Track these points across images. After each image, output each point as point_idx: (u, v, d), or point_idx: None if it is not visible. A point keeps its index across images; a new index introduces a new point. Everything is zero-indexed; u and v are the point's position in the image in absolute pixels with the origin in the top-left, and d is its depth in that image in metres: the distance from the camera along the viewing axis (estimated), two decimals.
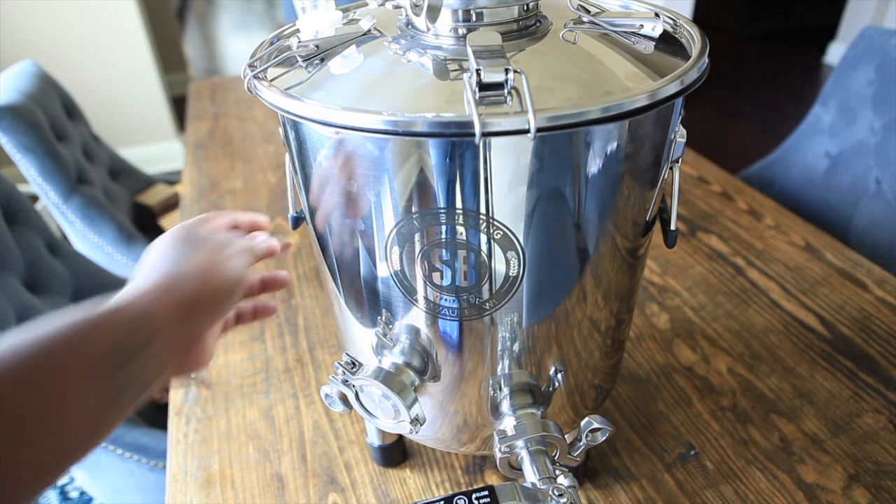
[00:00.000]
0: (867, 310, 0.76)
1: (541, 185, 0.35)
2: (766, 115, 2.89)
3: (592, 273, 0.41)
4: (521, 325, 0.41)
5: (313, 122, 0.34)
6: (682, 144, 0.41)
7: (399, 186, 0.35)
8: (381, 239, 0.38)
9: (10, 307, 0.80)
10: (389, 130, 0.31)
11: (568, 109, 0.30)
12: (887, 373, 0.67)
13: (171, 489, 0.59)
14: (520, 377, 0.45)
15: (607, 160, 0.35)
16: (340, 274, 0.44)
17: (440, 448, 0.59)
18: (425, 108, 0.32)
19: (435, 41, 0.39)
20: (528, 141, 0.32)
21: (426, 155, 0.33)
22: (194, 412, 0.68)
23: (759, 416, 0.63)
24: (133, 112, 2.52)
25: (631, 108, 0.32)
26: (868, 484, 0.56)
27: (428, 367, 0.45)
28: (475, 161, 0.33)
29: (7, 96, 1.10)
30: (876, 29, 1.08)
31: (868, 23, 1.58)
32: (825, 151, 1.15)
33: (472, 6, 0.38)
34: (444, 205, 0.35)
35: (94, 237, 1.19)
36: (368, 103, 0.34)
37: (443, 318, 0.41)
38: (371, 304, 0.43)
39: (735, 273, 0.84)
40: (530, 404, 0.46)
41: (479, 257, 0.37)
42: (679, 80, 0.34)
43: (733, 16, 3.89)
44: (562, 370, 0.46)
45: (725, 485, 0.57)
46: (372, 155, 0.34)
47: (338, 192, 0.38)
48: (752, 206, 0.98)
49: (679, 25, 0.43)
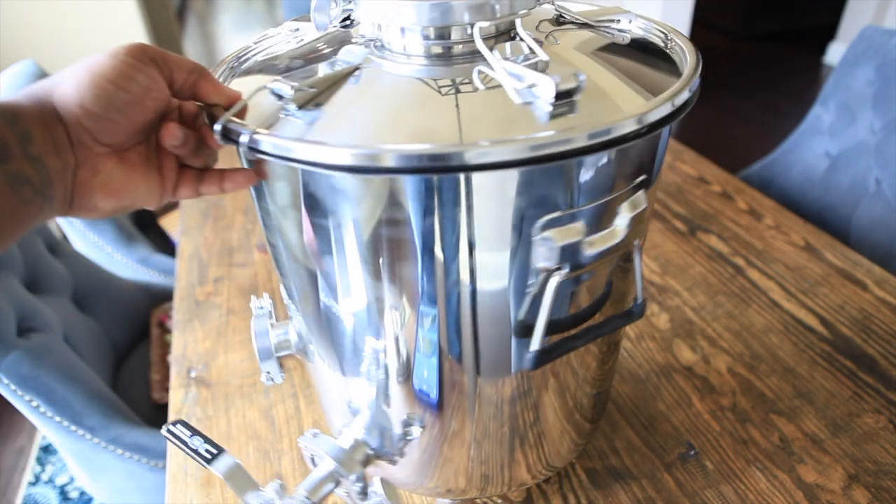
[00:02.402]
0: (867, 310, 0.76)
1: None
2: (766, 115, 2.89)
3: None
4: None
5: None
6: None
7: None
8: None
9: (11, 307, 0.80)
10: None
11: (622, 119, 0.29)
12: (887, 373, 0.67)
13: (171, 489, 0.59)
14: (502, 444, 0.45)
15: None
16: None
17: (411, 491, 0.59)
18: (476, 135, 0.30)
19: (425, 63, 0.36)
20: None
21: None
22: (194, 412, 0.68)
23: (759, 416, 0.63)
24: None
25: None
26: (868, 484, 0.56)
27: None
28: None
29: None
30: (876, 29, 1.08)
31: (868, 23, 1.58)
32: (825, 151, 1.15)
33: (452, 23, 0.35)
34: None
35: (93, 237, 1.19)
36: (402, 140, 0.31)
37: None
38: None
39: (735, 273, 0.84)
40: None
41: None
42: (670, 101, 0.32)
43: (733, 16, 3.88)
44: (542, 430, 0.46)
45: (725, 485, 0.57)
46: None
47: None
48: (752, 206, 0.98)
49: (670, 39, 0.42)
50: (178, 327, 0.81)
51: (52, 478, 1.40)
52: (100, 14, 2.28)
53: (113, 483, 0.86)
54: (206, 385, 0.71)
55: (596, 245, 0.33)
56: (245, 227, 1.01)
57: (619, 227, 0.33)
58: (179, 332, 0.80)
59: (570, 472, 0.59)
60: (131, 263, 1.22)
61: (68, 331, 0.91)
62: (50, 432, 0.79)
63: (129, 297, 1.14)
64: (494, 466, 0.47)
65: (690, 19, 2.61)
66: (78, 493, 1.36)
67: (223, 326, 0.80)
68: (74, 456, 0.84)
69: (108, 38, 2.33)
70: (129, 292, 1.15)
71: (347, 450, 0.44)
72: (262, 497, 0.40)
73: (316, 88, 0.34)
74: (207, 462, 0.40)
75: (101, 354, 1.00)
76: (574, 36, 0.40)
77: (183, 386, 0.71)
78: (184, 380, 0.72)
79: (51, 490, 1.37)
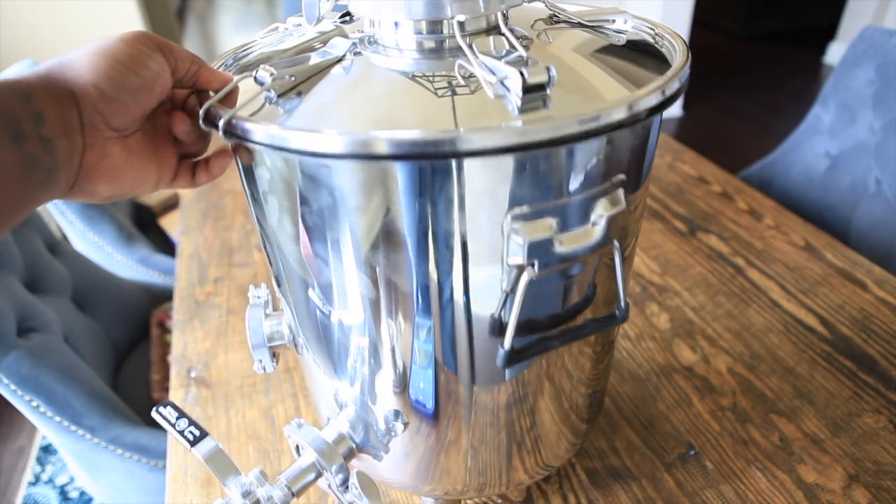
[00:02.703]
0: (867, 310, 0.76)
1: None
2: (766, 115, 2.89)
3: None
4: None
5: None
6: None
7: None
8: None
9: (11, 307, 0.80)
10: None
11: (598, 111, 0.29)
12: (887, 373, 0.67)
13: (171, 489, 0.59)
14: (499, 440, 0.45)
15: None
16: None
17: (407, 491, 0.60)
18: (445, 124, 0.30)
19: (411, 57, 0.37)
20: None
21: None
22: (194, 412, 0.68)
23: (759, 416, 0.63)
24: None
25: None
26: (868, 484, 0.56)
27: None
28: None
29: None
30: (876, 29, 1.08)
31: (868, 23, 1.58)
32: (825, 151, 1.15)
33: (443, 16, 0.36)
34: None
35: (93, 237, 1.19)
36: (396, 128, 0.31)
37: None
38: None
39: (735, 273, 0.84)
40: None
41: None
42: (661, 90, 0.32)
43: (733, 16, 3.88)
44: (538, 431, 0.46)
45: (725, 485, 0.57)
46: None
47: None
48: (752, 206, 0.98)
49: (660, 36, 0.42)
50: (178, 327, 0.81)
51: (52, 478, 1.40)
52: (100, 14, 2.28)
53: (113, 483, 0.87)
54: (206, 385, 0.71)
55: (567, 244, 0.32)
56: (245, 227, 1.01)
57: (595, 228, 0.33)
58: (179, 332, 0.80)
59: (570, 472, 0.59)
60: (131, 263, 1.22)
61: (68, 331, 0.91)
62: (50, 432, 0.79)
63: (129, 297, 1.14)
64: (491, 467, 0.47)
65: (690, 19, 2.61)
66: (78, 493, 1.36)
67: (223, 326, 0.80)
68: (74, 456, 0.84)
69: None
70: (129, 292, 1.15)
71: (330, 442, 0.44)
72: (242, 483, 0.40)
73: (295, 77, 0.35)
74: (190, 444, 0.40)
75: (101, 354, 1.00)
76: (566, 34, 0.40)
77: (183, 386, 0.71)
78: (184, 380, 0.72)
79: (51, 490, 1.37)
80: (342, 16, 0.45)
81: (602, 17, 0.42)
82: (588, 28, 0.41)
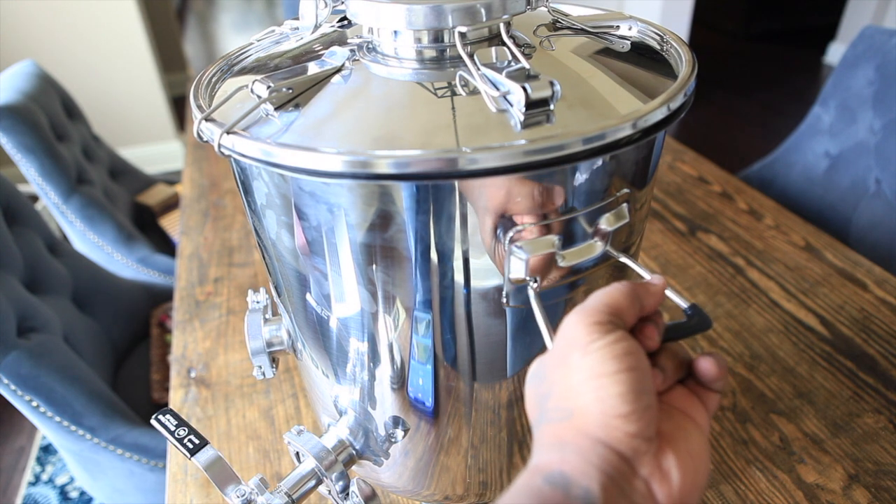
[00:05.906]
0: (867, 310, 0.76)
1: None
2: (766, 115, 2.89)
3: None
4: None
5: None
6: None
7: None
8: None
9: (11, 307, 0.80)
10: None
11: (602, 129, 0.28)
12: (887, 373, 0.67)
13: (171, 489, 0.59)
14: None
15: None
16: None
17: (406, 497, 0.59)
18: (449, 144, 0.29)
19: (411, 66, 0.36)
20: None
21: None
22: (194, 412, 0.68)
23: (759, 416, 0.63)
24: (133, 112, 2.52)
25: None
26: (868, 484, 0.56)
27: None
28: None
29: (7, 96, 1.10)
30: (876, 29, 1.08)
31: (868, 23, 1.58)
32: (825, 151, 1.15)
33: (445, 26, 0.34)
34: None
35: (93, 237, 1.19)
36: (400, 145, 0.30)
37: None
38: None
39: (735, 273, 0.84)
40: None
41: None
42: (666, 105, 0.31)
43: (733, 16, 3.88)
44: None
45: (725, 485, 0.57)
46: None
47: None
48: (752, 206, 0.98)
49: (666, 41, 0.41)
50: (178, 327, 0.81)
51: (52, 478, 1.40)
52: (100, 14, 2.28)
53: (113, 483, 0.87)
54: (205, 385, 0.71)
55: (569, 259, 0.31)
56: (245, 227, 1.01)
57: (598, 243, 0.32)
58: (179, 332, 0.80)
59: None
60: (131, 263, 1.22)
61: (68, 331, 0.91)
62: (50, 432, 0.79)
63: (129, 297, 1.14)
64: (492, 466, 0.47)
65: (690, 19, 2.61)
66: (78, 493, 1.36)
67: (223, 326, 0.80)
68: (74, 456, 0.84)
69: (108, 38, 2.33)
70: (129, 292, 1.15)
71: (330, 449, 0.44)
72: (242, 491, 0.40)
73: (293, 90, 0.34)
74: (190, 453, 0.40)
75: (101, 354, 1.00)
76: (569, 41, 0.40)
77: (183, 386, 0.71)
78: (184, 380, 0.72)
79: (51, 490, 1.37)
80: (341, 20, 0.45)
81: (606, 22, 0.41)
82: (592, 35, 0.40)
